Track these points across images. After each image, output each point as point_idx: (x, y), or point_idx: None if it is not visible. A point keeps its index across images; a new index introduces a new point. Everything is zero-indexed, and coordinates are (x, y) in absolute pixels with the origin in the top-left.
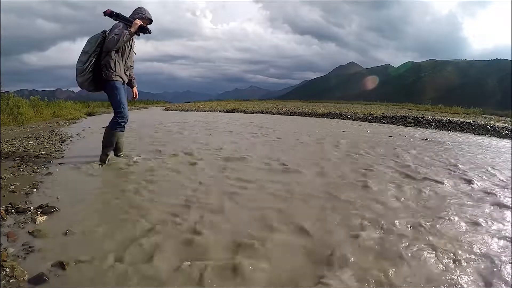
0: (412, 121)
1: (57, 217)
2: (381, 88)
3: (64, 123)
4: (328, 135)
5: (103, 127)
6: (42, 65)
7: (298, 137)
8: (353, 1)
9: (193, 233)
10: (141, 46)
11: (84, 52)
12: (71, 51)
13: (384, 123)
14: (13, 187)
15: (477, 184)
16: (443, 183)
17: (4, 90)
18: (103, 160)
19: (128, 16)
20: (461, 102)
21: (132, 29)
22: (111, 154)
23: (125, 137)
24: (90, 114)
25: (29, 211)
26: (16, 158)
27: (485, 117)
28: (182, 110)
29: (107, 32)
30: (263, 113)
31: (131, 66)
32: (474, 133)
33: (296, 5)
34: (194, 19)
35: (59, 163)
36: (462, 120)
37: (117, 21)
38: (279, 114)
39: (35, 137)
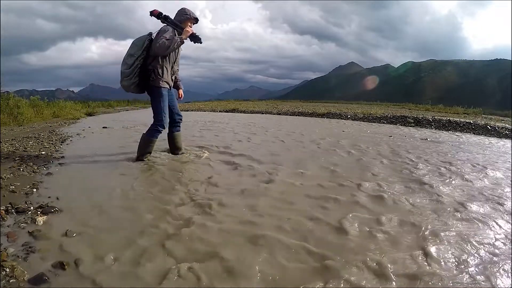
0: (412, 121)
1: (57, 217)
2: (381, 88)
3: (64, 123)
4: (329, 135)
5: (103, 127)
6: (42, 65)
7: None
8: (352, 1)
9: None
10: None
11: (130, 55)
12: (71, 51)
13: (384, 123)
14: (13, 187)
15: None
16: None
17: (4, 90)
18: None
19: (173, 18)
20: (461, 102)
21: (184, 37)
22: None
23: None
24: (90, 114)
25: (29, 211)
26: (16, 158)
27: (485, 117)
28: (182, 110)
29: (153, 35)
30: (263, 113)
31: (177, 69)
32: (474, 133)
33: (295, 5)
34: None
35: (59, 163)
36: (462, 120)
37: (165, 24)
38: (279, 114)
39: (35, 137)
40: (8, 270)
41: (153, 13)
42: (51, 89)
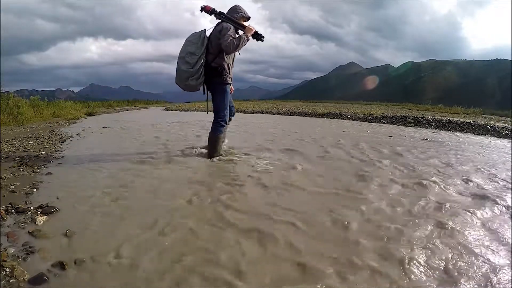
0: (412, 121)
1: (57, 217)
2: (381, 88)
3: (64, 123)
4: (328, 135)
5: (103, 127)
6: (42, 65)
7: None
8: (351, 1)
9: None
10: (140, 46)
11: (190, 53)
12: (71, 51)
13: (384, 123)
14: (13, 187)
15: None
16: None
17: (4, 90)
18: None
19: (220, 12)
20: (461, 102)
21: (249, 35)
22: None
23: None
24: (90, 114)
25: (29, 211)
26: (16, 158)
27: (485, 117)
28: (182, 110)
29: (206, 32)
30: (263, 113)
31: (233, 66)
32: (474, 133)
33: (295, 5)
34: (193, 19)
35: (59, 163)
36: (462, 120)
37: (220, 20)
38: (279, 114)
39: (35, 137)
40: (8, 270)
41: (205, 9)
42: (51, 89)
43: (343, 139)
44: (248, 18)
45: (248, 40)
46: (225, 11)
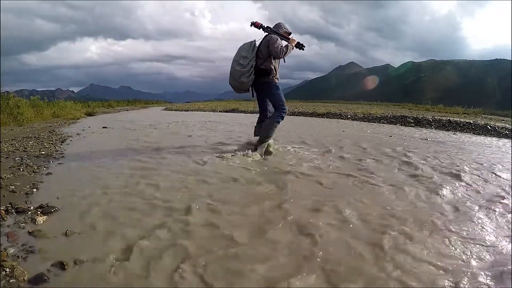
0: (412, 121)
1: (57, 217)
2: (381, 88)
3: (64, 123)
4: (330, 135)
5: (103, 127)
6: (42, 65)
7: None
8: (351, 1)
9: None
10: (140, 46)
11: (243, 56)
12: (70, 51)
13: (384, 123)
14: (13, 187)
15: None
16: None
17: (4, 90)
18: (267, 152)
19: (267, 26)
20: (461, 102)
21: (293, 44)
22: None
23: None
24: (90, 114)
25: (29, 211)
26: (16, 158)
27: (485, 117)
28: (182, 110)
29: (256, 42)
30: None
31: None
32: (474, 133)
33: (294, 5)
34: (193, 19)
35: (59, 163)
36: (462, 120)
37: (267, 33)
38: None
39: (35, 137)
40: (8, 270)
41: (255, 25)
42: (51, 89)
43: (347, 139)
44: (289, 33)
45: (292, 48)
46: (223, 11)
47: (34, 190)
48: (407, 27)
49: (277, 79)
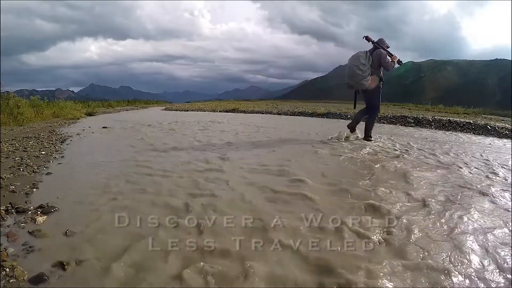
0: (412, 121)
1: (57, 217)
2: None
3: (64, 123)
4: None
5: (103, 127)
6: (42, 65)
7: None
8: (350, 1)
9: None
10: (140, 46)
11: (362, 64)
12: (70, 51)
13: (384, 123)
14: (13, 187)
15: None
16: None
17: (4, 90)
18: (371, 139)
19: (376, 41)
20: (461, 102)
21: (395, 60)
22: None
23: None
24: (90, 114)
25: (29, 211)
26: (16, 158)
27: (485, 117)
28: (182, 110)
29: (368, 52)
30: (263, 113)
31: None
32: (474, 133)
33: (294, 5)
34: (192, 19)
35: (59, 163)
36: (462, 120)
37: (375, 46)
38: (279, 114)
39: (35, 137)
40: (8, 270)
41: (367, 38)
42: (51, 89)
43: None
44: (388, 47)
45: (395, 64)
46: (222, 11)
47: (34, 190)
48: (407, 27)
49: (382, 84)
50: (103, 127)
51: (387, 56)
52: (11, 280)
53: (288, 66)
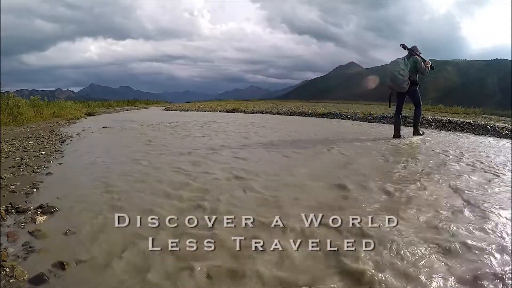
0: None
1: (57, 217)
2: (381, 88)
3: (64, 123)
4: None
5: (103, 127)
6: (42, 65)
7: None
8: (350, 1)
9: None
10: (140, 46)
11: (402, 69)
12: (70, 51)
13: (384, 123)
14: (13, 187)
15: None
16: None
17: (4, 90)
18: (421, 133)
19: (410, 48)
20: (461, 102)
21: (428, 65)
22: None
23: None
24: (90, 114)
25: (29, 211)
26: (16, 158)
27: (485, 117)
28: (182, 110)
29: (406, 59)
30: (263, 113)
31: None
32: (474, 133)
33: (293, 5)
34: (192, 19)
35: (59, 163)
36: (462, 120)
37: (411, 53)
38: (279, 114)
39: (35, 137)
40: (8, 270)
41: (404, 46)
42: (51, 89)
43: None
44: (420, 53)
45: (429, 68)
46: (222, 11)
47: (34, 190)
48: (407, 27)
49: (419, 86)
50: (103, 127)
51: (422, 62)
52: (11, 280)
53: (288, 66)
